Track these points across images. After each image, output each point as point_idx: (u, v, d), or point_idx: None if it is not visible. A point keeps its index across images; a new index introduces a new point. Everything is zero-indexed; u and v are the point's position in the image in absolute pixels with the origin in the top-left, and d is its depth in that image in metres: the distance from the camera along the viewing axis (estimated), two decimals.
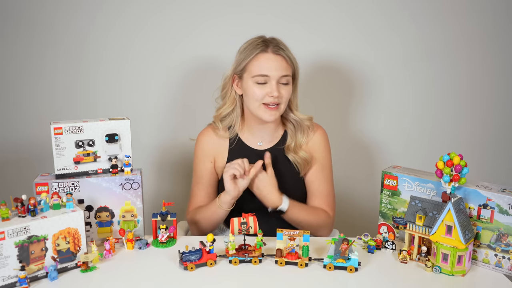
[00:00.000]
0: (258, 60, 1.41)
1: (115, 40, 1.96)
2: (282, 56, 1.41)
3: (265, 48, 1.41)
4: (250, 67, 1.42)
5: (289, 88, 1.44)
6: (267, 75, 1.40)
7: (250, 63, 1.42)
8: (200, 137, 1.57)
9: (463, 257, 1.18)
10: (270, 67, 1.40)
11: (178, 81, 2.01)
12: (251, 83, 1.42)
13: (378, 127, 2.07)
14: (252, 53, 1.41)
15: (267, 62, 1.40)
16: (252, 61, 1.42)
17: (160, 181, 2.09)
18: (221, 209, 1.44)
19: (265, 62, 1.40)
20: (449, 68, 2.01)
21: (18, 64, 1.97)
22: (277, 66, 1.40)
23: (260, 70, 1.40)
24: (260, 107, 1.42)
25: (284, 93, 1.42)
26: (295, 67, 1.46)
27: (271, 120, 1.43)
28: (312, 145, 1.54)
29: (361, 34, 1.97)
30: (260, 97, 1.41)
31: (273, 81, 1.40)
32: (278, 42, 1.44)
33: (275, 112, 1.43)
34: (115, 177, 1.33)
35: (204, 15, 1.94)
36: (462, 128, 2.06)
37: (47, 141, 1.33)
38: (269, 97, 1.40)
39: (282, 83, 1.42)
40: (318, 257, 1.25)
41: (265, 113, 1.42)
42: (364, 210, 2.09)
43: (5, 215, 1.10)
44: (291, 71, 1.44)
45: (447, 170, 1.20)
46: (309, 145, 1.54)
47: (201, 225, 1.49)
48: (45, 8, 1.92)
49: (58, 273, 1.15)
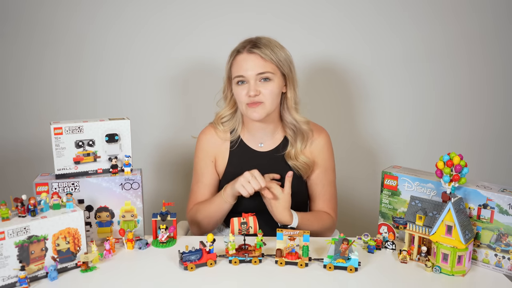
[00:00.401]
0: (236, 62, 1.43)
1: (115, 39, 1.96)
2: (256, 54, 1.40)
3: (241, 50, 1.43)
4: (232, 70, 1.45)
5: (272, 85, 1.41)
6: (243, 75, 1.41)
7: (232, 67, 1.45)
8: (201, 136, 1.57)
9: (463, 257, 1.18)
10: (245, 66, 1.41)
11: (178, 81, 2.01)
12: (234, 86, 1.44)
13: (378, 127, 2.07)
14: (231, 57, 1.45)
15: (242, 62, 1.41)
16: (232, 64, 1.45)
17: (160, 181, 2.09)
18: (226, 203, 1.42)
19: (241, 62, 1.42)
20: (449, 68, 2.01)
21: (18, 63, 1.97)
22: (250, 65, 1.40)
23: (237, 71, 1.42)
24: (246, 108, 1.43)
25: (265, 90, 1.40)
26: (279, 64, 1.42)
27: (257, 118, 1.42)
28: (315, 148, 1.54)
29: (361, 35, 1.97)
30: (242, 98, 1.42)
31: (251, 80, 1.40)
32: (258, 41, 1.42)
33: (259, 109, 1.41)
34: (115, 177, 1.33)
35: (204, 15, 1.94)
36: (462, 129, 2.07)
37: (47, 141, 1.33)
38: (248, 96, 1.40)
39: (262, 80, 1.41)
40: (318, 257, 1.25)
41: (250, 112, 1.42)
42: (364, 210, 2.09)
43: (5, 215, 1.10)
44: (271, 67, 1.41)
45: (447, 170, 1.20)
46: (312, 148, 1.53)
47: (202, 222, 1.49)
48: (45, 7, 1.92)
49: (58, 273, 1.15)
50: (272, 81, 1.42)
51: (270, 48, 1.41)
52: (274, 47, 1.42)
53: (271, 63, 1.41)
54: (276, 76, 1.42)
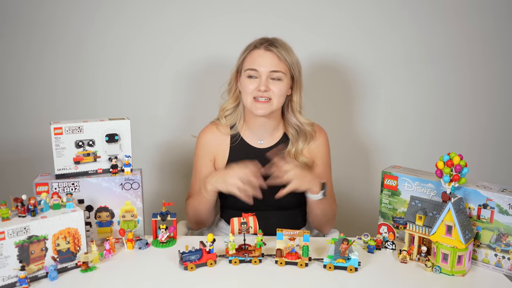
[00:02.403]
0: (251, 55, 1.47)
1: (115, 39, 1.96)
2: (273, 52, 1.45)
3: (259, 45, 1.47)
4: (244, 63, 1.48)
5: (281, 85, 1.46)
6: (256, 69, 1.44)
7: (245, 59, 1.49)
8: (202, 135, 1.59)
9: (463, 257, 1.18)
10: (260, 62, 1.45)
11: (178, 80, 2.01)
12: (244, 77, 1.48)
13: (378, 127, 2.07)
14: (248, 50, 1.49)
15: (257, 57, 1.45)
16: (246, 57, 1.48)
17: (160, 181, 2.09)
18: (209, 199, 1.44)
19: (256, 57, 1.46)
20: (450, 68, 2.01)
21: (18, 64, 1.97)
22: (266, 61, 1.44)
23: (250, 64, 1.46)
24: (252, 102, 1.46)
25: (275, 88, 1.44)
26: (291, 67, 1.47)
27: (261, 114, 1.46)
28: (314, 148, 1.57)
29: (362, 34, 1.97)
30: (250, 91, 1.45)
31: (263, 76, 1.44)
32: (275, 41, 1.47)
33: (266, 106, 1.45)
34: (115, 177, 1.33)
35: (204, 14, 1.94)
36: (463, 129, 2.06)
37: (46, 141, 1.33)
38: (258, 91, 1.44)
39: (273, 79, 1.45)
40: (318, 257, 1.25)
41: (256, 107, 1.46)
42: (364, 210, 2.09)
43: (5, 215, 1.10)
44: (283, 68, 1.45)
45: (447, 170, 1.20)
46: (312, 148, 1.56)
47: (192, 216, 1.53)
48: (44, 8, 1.92)
49: (58, 273, 1.15)
50: (282, 81, 1.46)
51: (285, 49, 1.47)
52: (289, 50, 1.48)
53: (284, 64, 1.46)
54: (286, 77, 1.47)
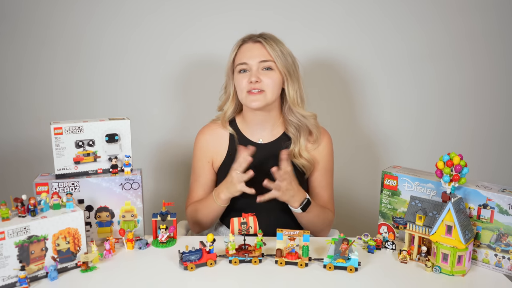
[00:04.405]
0: (240, 51, 1.48)
1: (112, 39, 1.96)
2: (261, 43, 1.46)
3: (247, 40, 1.48)
4: (235, 59, 1.49)
5: (273, 74, 1.45)
6: (246, 62, 1.45)
7: (235, 56, 1.49)
8: (199, 136, 1.58)
9: (463, 257, 1.18)
10: (248, 55, 1.46)
11: (178, 80, 2.01)
12: (236, 74, 1.48)
13: (379, 127, 2.07)
14: (237, 47, 1.50)
15: (246, 51, 1.47)
16: (236, 54, 1.49)
17: (160, 181, 2.09)
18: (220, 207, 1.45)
19: (245, 51, 1.47)
20: (452, 67, 2.00)
21: (15, 63, 1.97)
22: (255, 53, 1.45)
23: (240, 59, 1.47)
24: (246, 96, 1.46)
25: (266, 79, 1.44)
26: (282, 55, 1.45)
27: (256, 106, 1.44)
28: (317, 152, 1.55)
29: (364, 33, 1.97)
30: (243, 86, 1.45)
31: (253, 67, 1.44)
32: (263, 34, 1.49)
33: (259, 97, 1.44)
34: (115, 177, 1.33)
35: (202, 12, 1.94)
36: (465, 128, 2.06)
37: (46, 141, 1.33)
38: (250, 83, 1.43)
39: (265, 69, 1.45)
40: (318, 257, 1.25)
41: (250, 99, 1.45)
42: (364, 210, 2.09)
43: (5, 215, 1.10)
44: (273, 57, 1.45)
45: (447, 170, 1.20)
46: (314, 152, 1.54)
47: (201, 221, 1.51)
48: (42, 7, 1.92)
49: (58, 273, 1.15)
50: (273, 70, 1.46)
51: (274, 40, 1.47)
52: (278, 41, 1.48)
53: (274, 53, 1.45)
54: (277, 67, 1.46)
